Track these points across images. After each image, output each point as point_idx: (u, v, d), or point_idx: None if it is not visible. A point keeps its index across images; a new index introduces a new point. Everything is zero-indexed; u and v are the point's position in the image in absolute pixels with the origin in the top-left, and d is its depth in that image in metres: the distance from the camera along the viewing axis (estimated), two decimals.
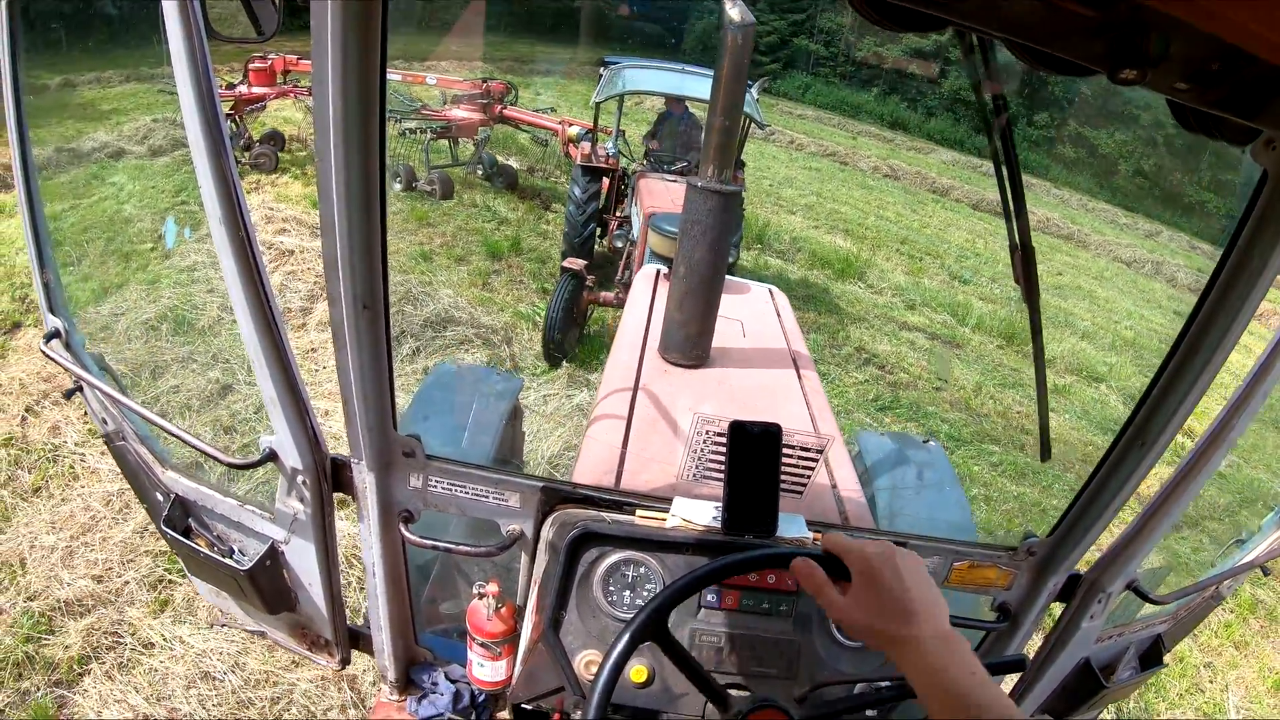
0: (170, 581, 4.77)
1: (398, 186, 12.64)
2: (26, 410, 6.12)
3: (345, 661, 2.76)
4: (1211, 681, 6.21)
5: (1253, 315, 1.85)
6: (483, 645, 2.41)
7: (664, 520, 2.24)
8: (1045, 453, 2.59)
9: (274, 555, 2.40)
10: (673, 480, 2.64)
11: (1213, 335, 1.91)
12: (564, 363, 8.26)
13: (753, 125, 10.30)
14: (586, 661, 2.17)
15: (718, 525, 2.19)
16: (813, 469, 2.52)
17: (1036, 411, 2.44)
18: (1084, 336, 14.55)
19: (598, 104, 10.31)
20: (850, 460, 3.34)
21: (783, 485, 2.42)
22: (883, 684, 2.19)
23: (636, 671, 2.15)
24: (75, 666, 4.24)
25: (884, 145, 32.06)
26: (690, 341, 3.65)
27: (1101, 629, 2.63)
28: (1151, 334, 16.32)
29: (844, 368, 10.08)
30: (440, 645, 2.81)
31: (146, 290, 8.06)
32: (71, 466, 5.60)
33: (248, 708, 4.18)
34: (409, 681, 2.79)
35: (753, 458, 2.10)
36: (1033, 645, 2.76)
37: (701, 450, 2.52)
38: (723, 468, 2.12)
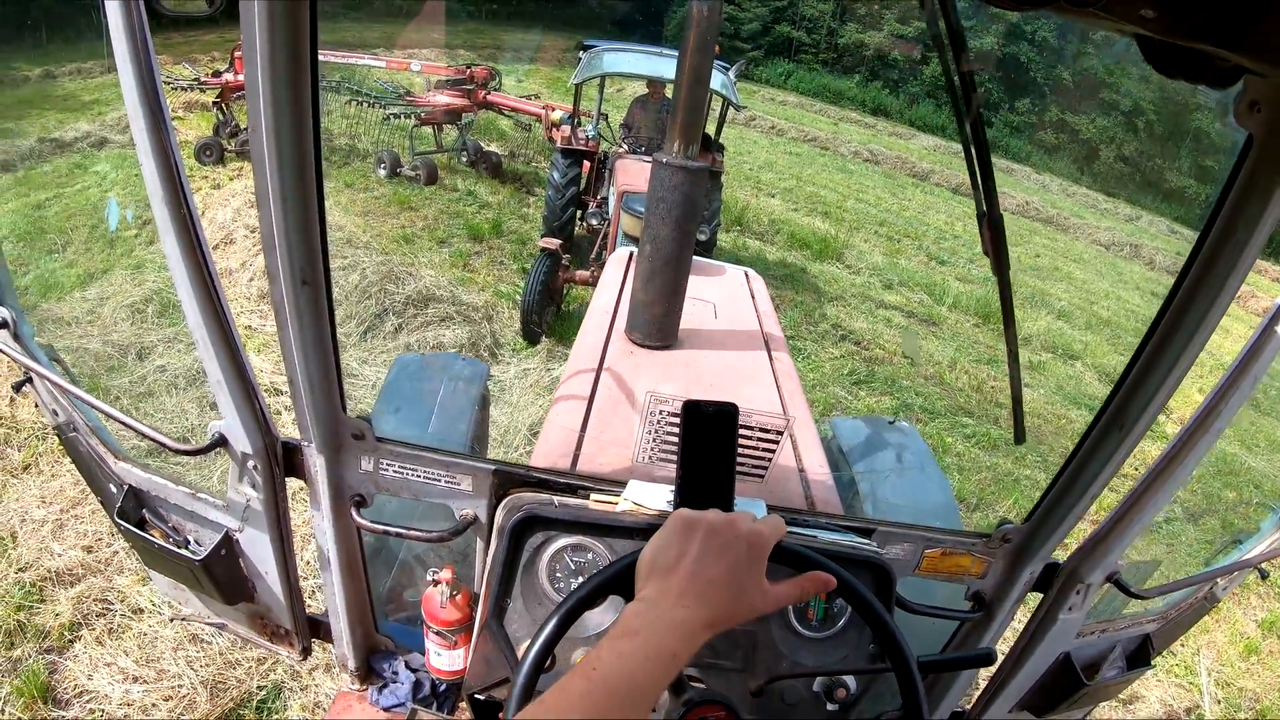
0: None
1: (382, 173, 12.69)
2: (14, 390, 6.11)
3: (306, 651, 2.70)
4: (1183, 646, 6.22)
5: (1237, 291, 1.75)
6: (438, 634, 2.37)
7: (616, 504, 2.16)
8: (1020, 435, 2.41)
9: (228, 544, 2.35)
10: (630, 463, 2.55)
11: (1194, 313, 1.80)
12: (542, 339, 8.38)
13: (730, 108, 10.41)
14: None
15: (670, 509, 2.07)
16: (774, 451, 2.45)
17: (1010, 392, 2.30)
18: (1060, 315, 14.65)
19: (576, 86, 10.42)
20: (821, 444, 3.22)
21: (742, 468, 2.38)
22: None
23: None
24: (66, 633, 4.29)
25: (865, 131, 31.95)
26: (656, 322, 3.55)
27: (1083, 624, 2.52)
28: (1128, 315, 16.36)
29: (820, 344, 10.16)
30: (401, 633, 2.76)
31: (103, 277, 8.11)
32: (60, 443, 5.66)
33: (235, 668, 4.25)
34: (370, 670, 2.73)
35: (708, 439, 1.96)
36: (1012, 638, 2.69)
37: (656, 431, 2.44)
38: (677, 449, 2.00)
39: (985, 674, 2.76)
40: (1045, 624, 2.46)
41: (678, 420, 2.03)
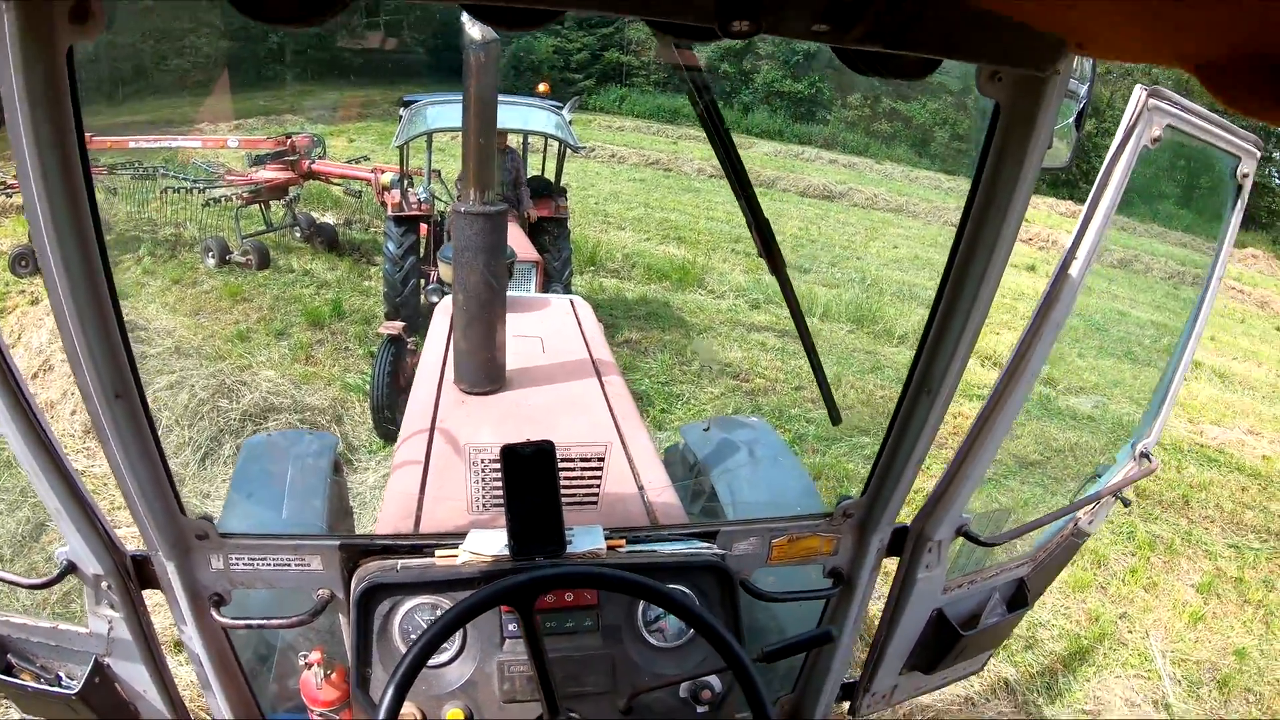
0: None
1: (210, 262, 11.87)
2: None
3: None
4: (1131, 631, 6.28)
5: (1010, 248, 1.90)
6: (321, 715, 2.39)
7: (457, 557, 2.26)
8: (835, 417, 2.58)
9: (100, 671, 2.32)
10: (469, 515, 2.64)
11: (973, 276, 1.97)
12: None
13: (568, 149, 10.03)
14: (402, 714, 2.04)
15: (507, 553, 2.19)
16: (599, 477, 2.58)
17: (815, 379, 2.45)
18: (928, 307, 14.56)
19: (400, 147, 9.77)
20: (659, 458, 3.38)
21: (574, 498, 2.53)
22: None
23: (453, 714, 2.20)
24: None
25: (704, 146, 31.56)
26: (481, 368, 3.65)
27: (948, 579, 2.71)
28: (1003, 292, 16.60)
29: (698, 384, 9.78)
30: None
31: None
32: None
33: None
34: None
35: (531, 479, 2.11)
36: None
37: (485, 480, 2.53)
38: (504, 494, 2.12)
39: (865, 641, 3.02)
40: (907, 586, 2.67)
41: (498, 467, 2.19)
